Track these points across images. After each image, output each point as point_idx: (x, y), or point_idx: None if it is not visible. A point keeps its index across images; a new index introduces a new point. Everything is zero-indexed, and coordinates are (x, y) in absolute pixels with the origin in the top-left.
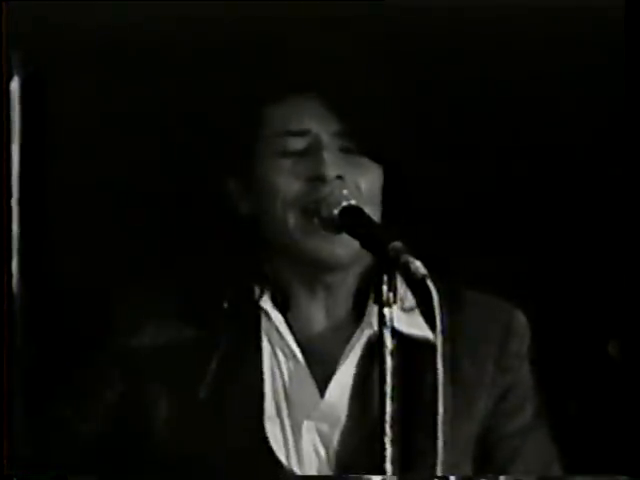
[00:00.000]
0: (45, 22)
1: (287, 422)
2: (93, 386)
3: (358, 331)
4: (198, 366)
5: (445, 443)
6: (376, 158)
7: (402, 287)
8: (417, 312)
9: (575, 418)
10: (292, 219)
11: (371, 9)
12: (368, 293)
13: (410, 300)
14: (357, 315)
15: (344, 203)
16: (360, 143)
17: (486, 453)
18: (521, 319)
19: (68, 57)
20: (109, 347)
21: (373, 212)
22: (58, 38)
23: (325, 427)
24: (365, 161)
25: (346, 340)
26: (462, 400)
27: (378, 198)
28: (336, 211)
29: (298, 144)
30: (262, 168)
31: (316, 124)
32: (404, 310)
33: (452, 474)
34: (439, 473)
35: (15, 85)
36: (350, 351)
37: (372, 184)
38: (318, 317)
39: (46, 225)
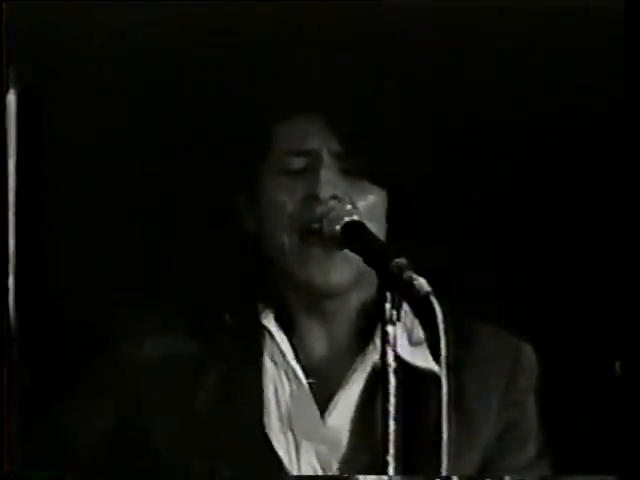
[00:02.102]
0: (43, 33)
1: (291, 441)
2: (91, 398)
3: (364, 356)
4: (199, 380)
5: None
6: (379, 181)
7: (410, 320)
8: (425, 346)
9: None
10: (288, 240)
11: (381, 30)
12: (374, 319)
13: (418, 333)
14: (363, 340)
15: (346, 218)
16: (362, 166)
17: None
18: (530, 354)
19: (66, 69)
20: (108, 359)
21: (376, 233)
22: (55, 49)
23: (324, 449)
24: (367, 184)
25: (350, 364)
26: (466, 429)
27: (381, 221)
28: (338, 227)
29: (299, 163)
30: (265, 186)
31: (318, 143)
32: (411, 343)
33: None
34: None
35: (11, 98)
36: (355, 376)
37: (373, 208)
38: (320, 340)
39: (43, 238)
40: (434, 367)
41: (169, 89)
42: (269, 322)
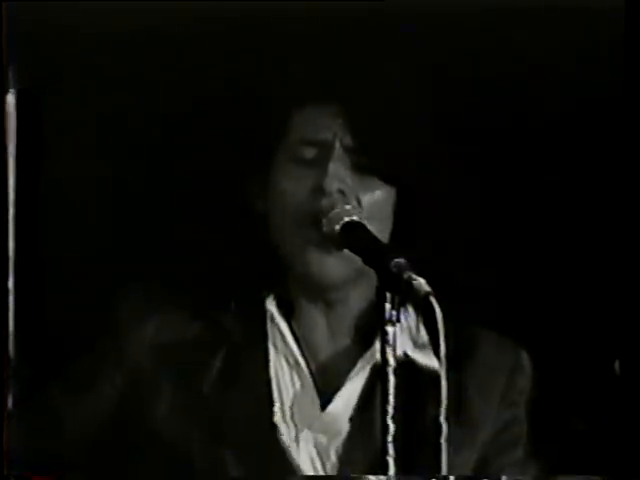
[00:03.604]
0: (43, 33)
1: (291, 427)
2: (93, 381)
3: (370, 351)
4: (202, 363)
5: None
6: (389, 179)
7: (415, 324)
8: (429, 349)
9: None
10: (289, 228)
11: (402, 27)
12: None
13: (424, 337)
14: (369, 335)
15: (346, 218)
16: (373, 162)
17: None
18: (527, 359)
19: (65, 69)
20: (110, 344)
21: (380, 232)
22: (55, 49)
23: (324, 439)
24: (377, 181)
25: (353, 357)
26: (466, 428)
27: (387, 219)
28: (337, 227)
29: (311, 153)
30: (276, 172)
31: (332, 135)
32: (416, 345)
33: None
34: None
35: (11, 98)
36: (360, 370)
37: (380, 205)
38: (321, 329)
39: (44, 219)
40: (437, 367)
41: (183, 81)
42: (271, 305)
